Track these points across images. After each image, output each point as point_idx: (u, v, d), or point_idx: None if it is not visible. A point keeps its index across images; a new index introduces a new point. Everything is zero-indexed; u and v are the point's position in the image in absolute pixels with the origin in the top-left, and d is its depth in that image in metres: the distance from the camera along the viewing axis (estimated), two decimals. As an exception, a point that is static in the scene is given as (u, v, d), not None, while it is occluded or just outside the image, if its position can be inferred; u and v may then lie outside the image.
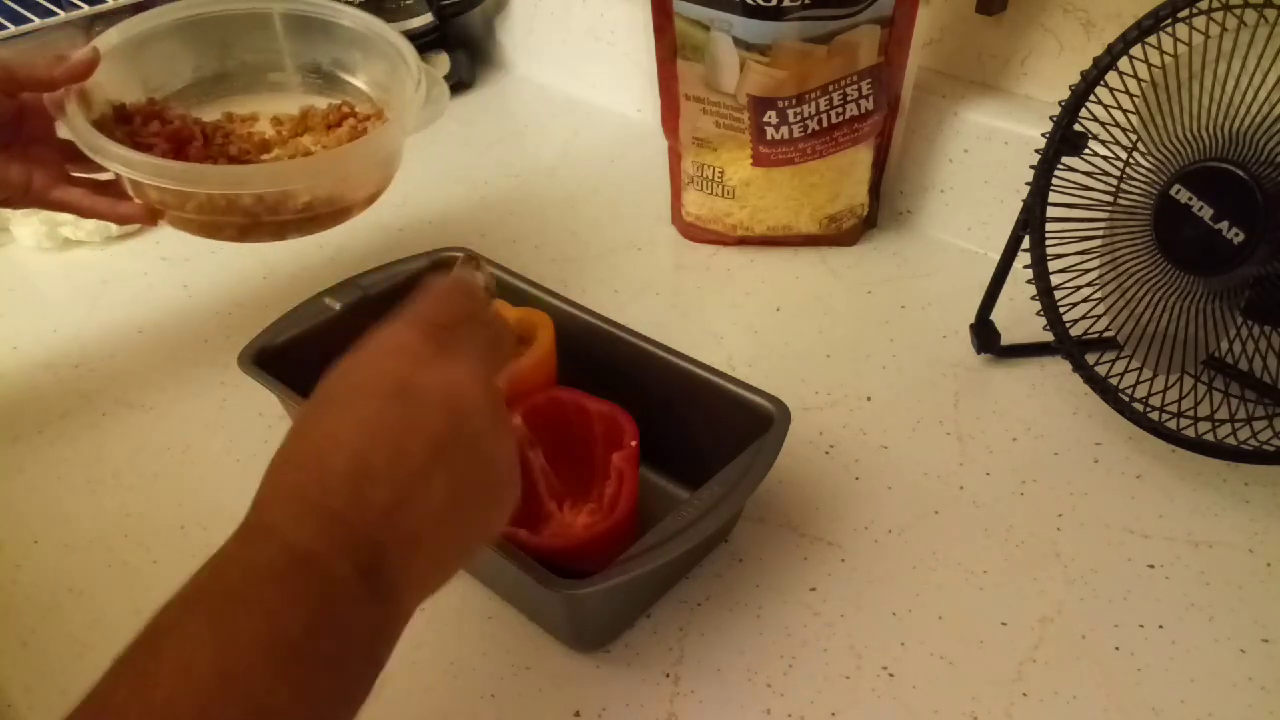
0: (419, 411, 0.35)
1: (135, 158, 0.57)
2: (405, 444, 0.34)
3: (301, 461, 0.34)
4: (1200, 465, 0.58)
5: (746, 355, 0.69)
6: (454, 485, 0.35)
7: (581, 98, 1.04)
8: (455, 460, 0.35)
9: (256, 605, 0.30)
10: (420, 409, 0.35)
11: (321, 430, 0.35)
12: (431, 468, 0.34)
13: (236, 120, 0.68)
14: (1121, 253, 0.57)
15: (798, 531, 0.55)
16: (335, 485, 0.33)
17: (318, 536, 0.32)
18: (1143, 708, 0.46)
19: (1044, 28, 0.72)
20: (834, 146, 0.74)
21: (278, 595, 0.30)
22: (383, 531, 0.33)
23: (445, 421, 0.35)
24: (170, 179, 0.58)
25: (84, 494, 0.59)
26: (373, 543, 0.33)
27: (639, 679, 0.48)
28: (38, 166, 0.59)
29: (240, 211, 0.60)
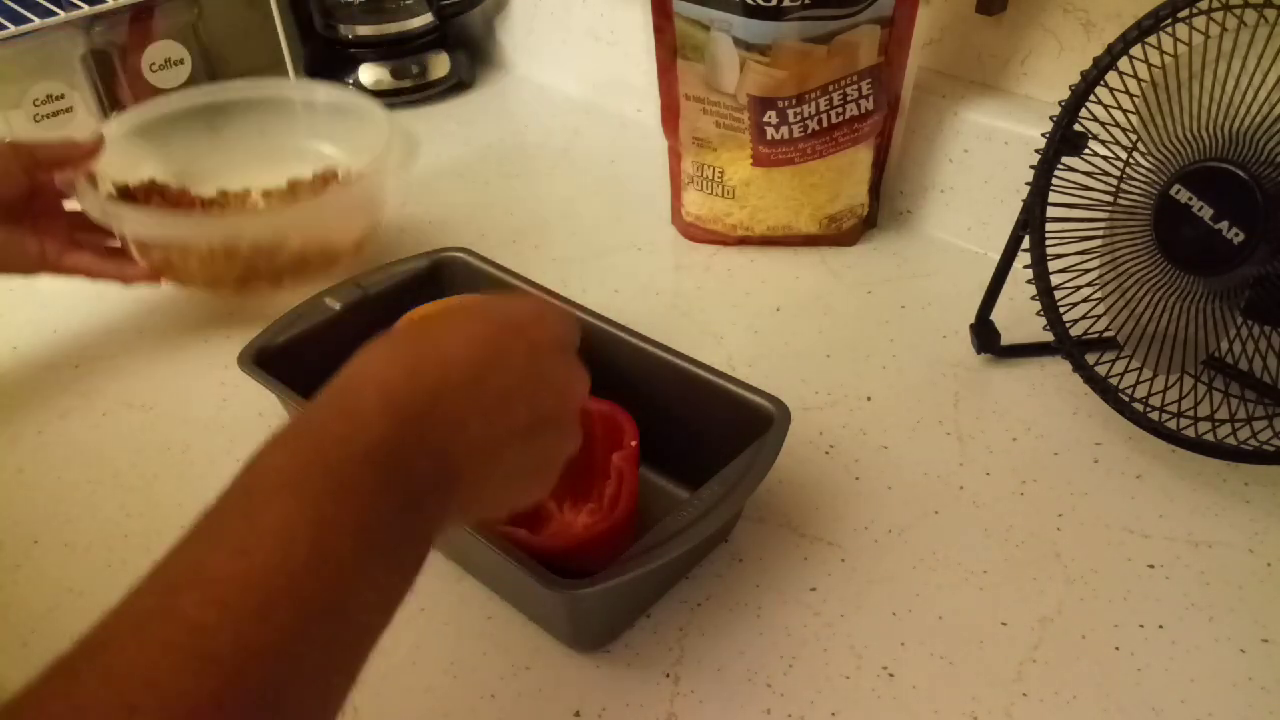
0: (520, 346, 0.38)
1: (145, 217, 0.65)
2: (499, 369, 0.36)
3: (400, 350, 0.36)
4: (1200, 465, 0.58)
5: (746, 355, 0.69)
6: (530, 425, 0.37)
7: (581, 98, 1.04)
8: (539, 402, 0.38)
9: (353, 491, 0.31)
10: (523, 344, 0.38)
11: (429, 330, 0.37)
12: (515, 401, 0.36)
13: (231, 196, 0.75)
14: (1121, 253, 0.57)
15: (798, 531, 0.55)
16: (424, 386, 0.34)
17: (404, 432, 0.33)
18: (1143, 708, 0.46)
19: (1044, 28, 0.72)
20: (834, 146, 0.74)
21: (371, 483, 0.31)
22: (459, 443, 0.35)
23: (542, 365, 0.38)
24: (176, 231, 0.65)
25: (84, 494, 0.59)
26: (448, 451, 0.34)
27: (639, 679, 0.48)
28: (49, 237, 0.66)
29: (239, 261, 0.67)
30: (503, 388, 0.36)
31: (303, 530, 0.29)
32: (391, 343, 0.36)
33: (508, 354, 0.37)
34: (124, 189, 0.72)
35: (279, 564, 0.28)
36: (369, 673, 0.48)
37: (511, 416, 0.37)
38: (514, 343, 0.38)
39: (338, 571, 0.29)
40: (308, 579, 0.29)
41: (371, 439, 0.32)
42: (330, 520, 0.30)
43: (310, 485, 0.30)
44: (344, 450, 0.32)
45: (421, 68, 1.03)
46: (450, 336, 0.37)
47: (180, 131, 0.79)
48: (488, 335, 0.37)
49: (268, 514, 0.30)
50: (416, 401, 0.34)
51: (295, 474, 0.31)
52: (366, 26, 1.01)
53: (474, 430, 0.35)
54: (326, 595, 0.29)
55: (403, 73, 1.02)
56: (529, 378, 0.37)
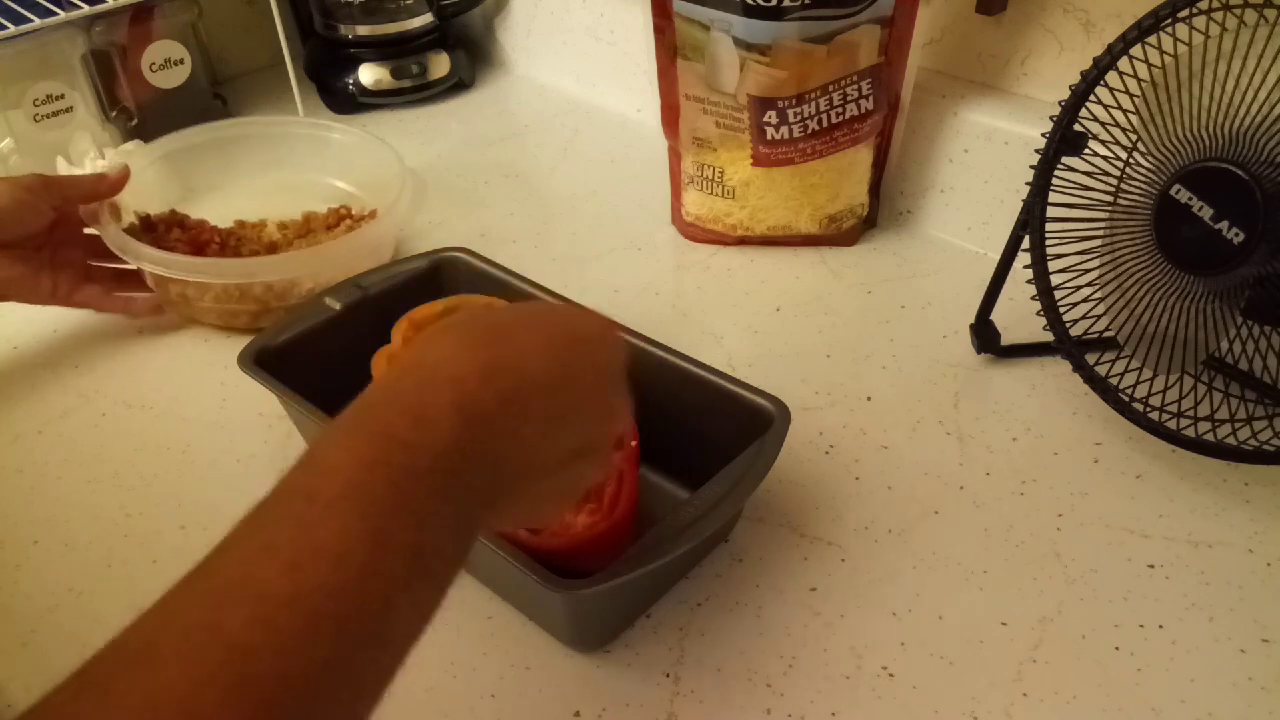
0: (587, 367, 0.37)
1: (165, 257, 0.67)
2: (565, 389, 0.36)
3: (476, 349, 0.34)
4: (1200, 465, 0.58)
5: (746, 355, 0.69)
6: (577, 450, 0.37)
7: (581, 98, 1.04)
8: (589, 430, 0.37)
9: (412, 505, 0.30)
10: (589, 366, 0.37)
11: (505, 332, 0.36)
12: (571, 424, 0.36)
13: (248, 226, 0.77)
14: (1121, 253, 0.57)
15: (798, 531, 0.55)
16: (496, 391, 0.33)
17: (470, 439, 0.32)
18: (1143, 708, 0.46)
19: (1044, 28, 0.72)
20: (834, 146, 0.74)
21: (433, 502, 0.31)
22: (514, 459, 0.34)
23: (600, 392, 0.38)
24: (194, 273, 0.68)
25: (84, 494, 0.59)
26: (503, 466, 0.33)
27: (639, 679, 0.48)
28: (63, 271, 0.69)
29: (252, 300, 0.69)
30: (564, 407, 0.36)
31: (358, 549, 0.28)
32: (468, 336, 0.35)
33: (578, 372, 0.36)
34: (145, 219, 0.75)
35: (331, 586, 0.27)
36: (369, 673, 0.49)
37: (564, 440, 0.36)
38: (585, 360, 0.37)
39: (386, 596, 0.29)
40: (356, 604, 0.28)
41: (440, 445, 0.31)
42: (386, 542, 0.29)
43: (371, 498, 0.29)
44: (410, 459, 0.31)
45: (421, 68, 1.03)
46: (528, 341, 0.36)
47: (199, 163, 0.83)
48: (562, 348, 0.36)
49: (324, 527, 0.29)
50: (487, 407, 0.33)
51: (357, 482, 0.30)
52: (366, 26, 1.01)
53: (529, 449, 0.34)
54: (371, 622, 0.28)
55: (403, 73, 1.02)
56: (590, 400, 0.37)
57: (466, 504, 0.32)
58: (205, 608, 0.27)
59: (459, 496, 0.31)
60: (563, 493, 0.39)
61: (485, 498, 0.33)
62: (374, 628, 0.28)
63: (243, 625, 0.26)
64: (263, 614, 0.26)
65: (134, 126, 0.95)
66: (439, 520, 0.31)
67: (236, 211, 0.78)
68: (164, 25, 0.94)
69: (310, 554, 0.28)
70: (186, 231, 0.74)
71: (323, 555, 0.28)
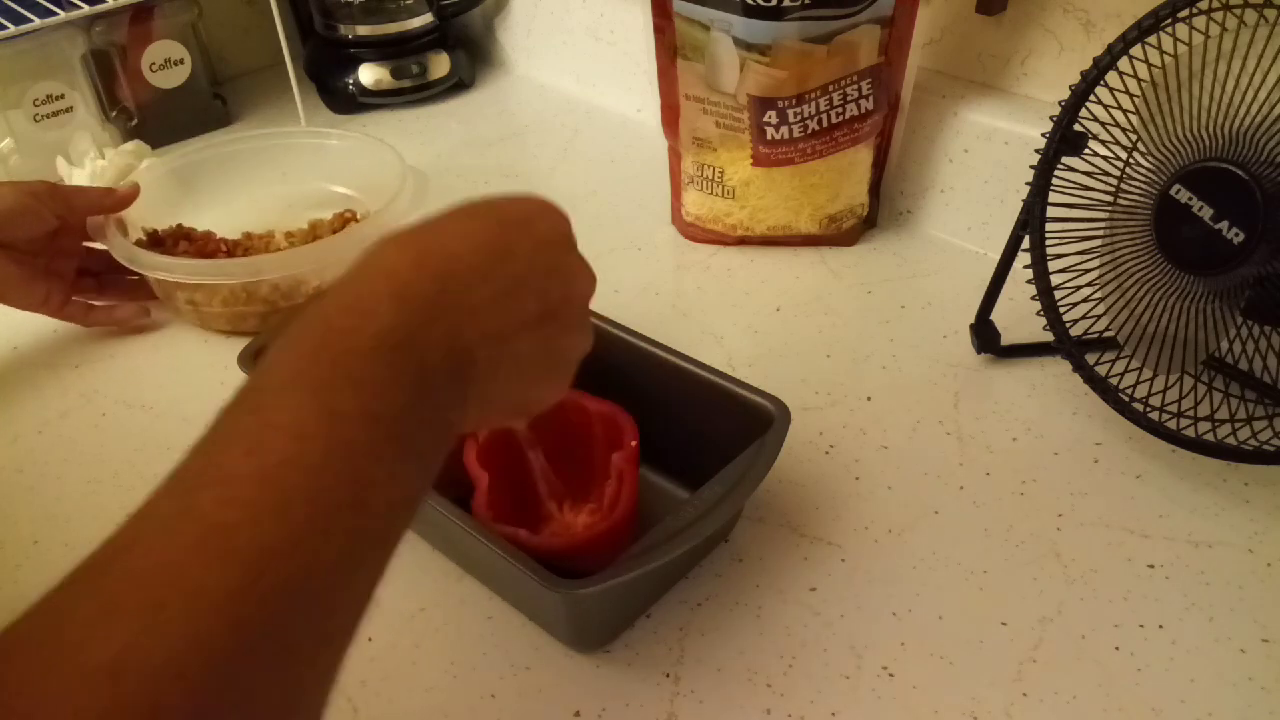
0: (525, 240, 0.38)
1: (173, 262, 0.69)
2: (506, 260, 0.36)
3: (405, 244, 0.35)
4: (1200, 465, 0.58)
5: (746, 355, 0.69)
6: (540, 315, 0.37)
7: (581, 98, 1.04)
8: (547, 293, 0.38)
9: (362, 381, 0.31)
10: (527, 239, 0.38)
11: (431, 227, 0.37)
12: (524, 291, 0.37)
13: (255, 237, 0.77)
14: (1121, 253, 0.57)
15: (798, 531, 0.55)
16: (430, 274, 0.34)
17: (414, 319, 0.33)
18: (1143, 708, 0.46)
19: (1044, 28, 0.72)
20: (834, 146, 0.74)
21: (382, 373, 0.31)
22: (469, 330, 0.34)
23: (548, 257, 0.38)
24: (200, 275, 0.69)
25: (84, 494, 0.59)
26: (459, 338, 0.34)
27: (639, 679, 0.48)
28: (56, 280, 0.69)
29: (260, 301, 0.70)
30: (510, 277, 0.36)
31: (315, 425, 0.29)
32: (395, 238, 0.36)
33: (513, 246, 0.37)
34: (153, 234, 0.76)
35: (294, 459, 0.28)
36: (370, 673, 0.49)
37: (520, 306, 0.37)
38: (519, 236, 0.38)
39: (353, 463, 0.29)
40: (323, 473, 0.29)
41: (380, 327, 0.32)
42: (342, 412, 0.30)
43: (319, 378, 0.30)
44: (351, 341, 0.31)
45: (421, 68, 1.03)
46: (455, 229, 0.37)
47: (199, 178, 0.83)
48: (492, 229, 0.37)
49: (278, 411, 0.30)
50: (424, 289, 0.34)
51: (304, 369, 0.31)
52: (366, 26, 1.01)
53: (483, 318, 0.35)
54: (343, 488, 0.29)
55: (403, 73, 1.02)
56: (535, 269, 0.37)
57: (426, 379, 0.33)
58: (177, 497, 0.28)
59: (413, 371, 0.32)
60: (547, 364, 0.39)
61: (447, 369, 0.33)
62: (348, 493, 0.29)
63: (215, 505, 0.27)
64: (232, 494, 0.27)
65: (134, 126, 0.95)
66: (395, 392, 0.31)
67: (242, 225, 0.78)
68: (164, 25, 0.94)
69: (268, 435, 0.29)
70: (194, 244, 0.75)
71: (280, 433, 0.29)
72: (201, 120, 0.99)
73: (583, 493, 0.55)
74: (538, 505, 0.54)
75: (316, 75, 1.05)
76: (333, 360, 0.31)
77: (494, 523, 0.49)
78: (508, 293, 0.36)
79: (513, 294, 0.36)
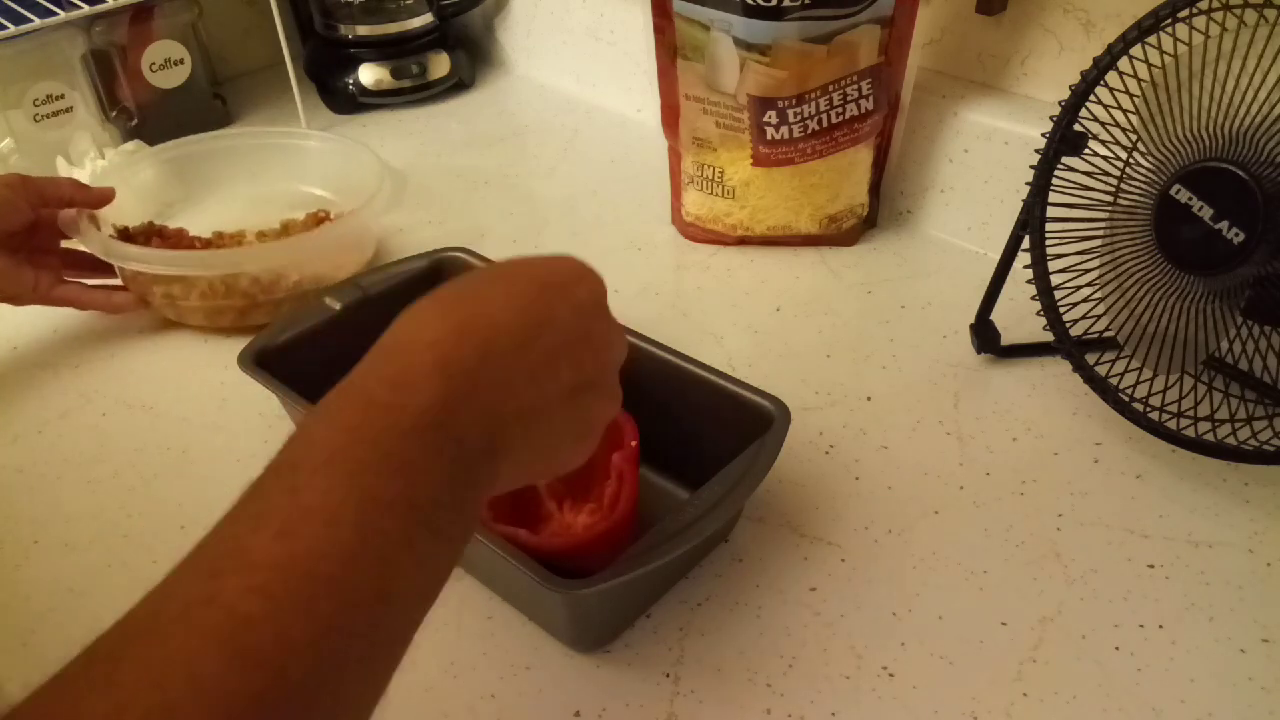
0: (563, 306, 0.37)
1: (150, 253, 0.69)
2: (545, 330, 0.36)
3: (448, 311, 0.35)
4: (1200, 465, 0.58)
5: (746, 355, 0.68)
6: (574, 386, 0.37)
7: (581, 98, 1.04)
8: (582, 363, 0.37)
9: (401, 465, 0.30)
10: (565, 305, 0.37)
11: (473, 292, 0.36)
12: (560, 361, 0.36)
13: (226, 236, 0.77)
14: (1121, 253, 0.57)
15: (798, 531, 0.55)
16: (473, 346, 0.34)
17: (455, 395, 0.32)
18: (1143, 708, 0.46)
19: (1044, 28, 0.72)
20: (834, 146, 0.74)
21: (420, 456, 0.31)
22: (507, 406, 0.34)
23: (584, 324, 0.38)
24: (179, 267, 0.68)
25: (84, 494, 0.59)
26: (497, 415, 0.34)
27: (639, 679, 0.48)
28: (43, 270, 0.69)
29: (239, 295, 0.70)
30: (548, 349, 0.36)
31: (349, 510, 0.28)
32: (437, 303, 0.35)
33: (553, 314, 0.37)
34: (124, 231, 0.75)
35: (324, 549, 0.27)
36: (369, 673, 0.49)
37: (556, 378, 0.36)
38: (558, 302, 0.37)
39: (384, 553, 0.29)
40: (354, 564, 0.28)
41: (422, 403, 0.31)
42: (376, 497, 0.29)
43: (357, 459, 0.30)
44: (392, 418, 0.31)
45: (421, 68, 1.03)
46: (496, 296, 0.36)
47: (173, 178, 0.84)
48: (532, 295, 0.37)
49: (312, 492, 0.29)
50: (466, 362, 0.33)
51: (341, 447, 0.30)
52: (366, 26, 1.01)
53: (520, 392, 0.35)
54: (372, 581, 0.28)
55: (403, 73, 1.02)
56: (572, 337, 0.37)
57: (462, 457, 0.32)
58: (203, 580, 0.27)
59: (451, 450, 0.32)
60: (577, 432, 0.39)
61: (483, 448, 0.33)
62: (376, 586, 0.28)
63: (239, 594, 0.26)
64: (258, 582, 0.27)
65: (134, 126, 0.95)
66: (433, 475, 0.31)
67: (214, 225, 0.78)
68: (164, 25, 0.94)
69: (300, 518, 0.28)
70: (166, 241, 0.74)
71: (312, 518, 0.28)
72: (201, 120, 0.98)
73: (583, 493, 0.55)
74: (538, 505, 0.54)
75: (316, 75, 1.05)
76: (373, 439, 0.30)
77: (494, 523, 0.49)
78: (545, 364, 0.36)
79: (549, 365, 0.36)
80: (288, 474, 0.30)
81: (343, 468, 0.29)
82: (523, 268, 0.38)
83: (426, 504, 0.30)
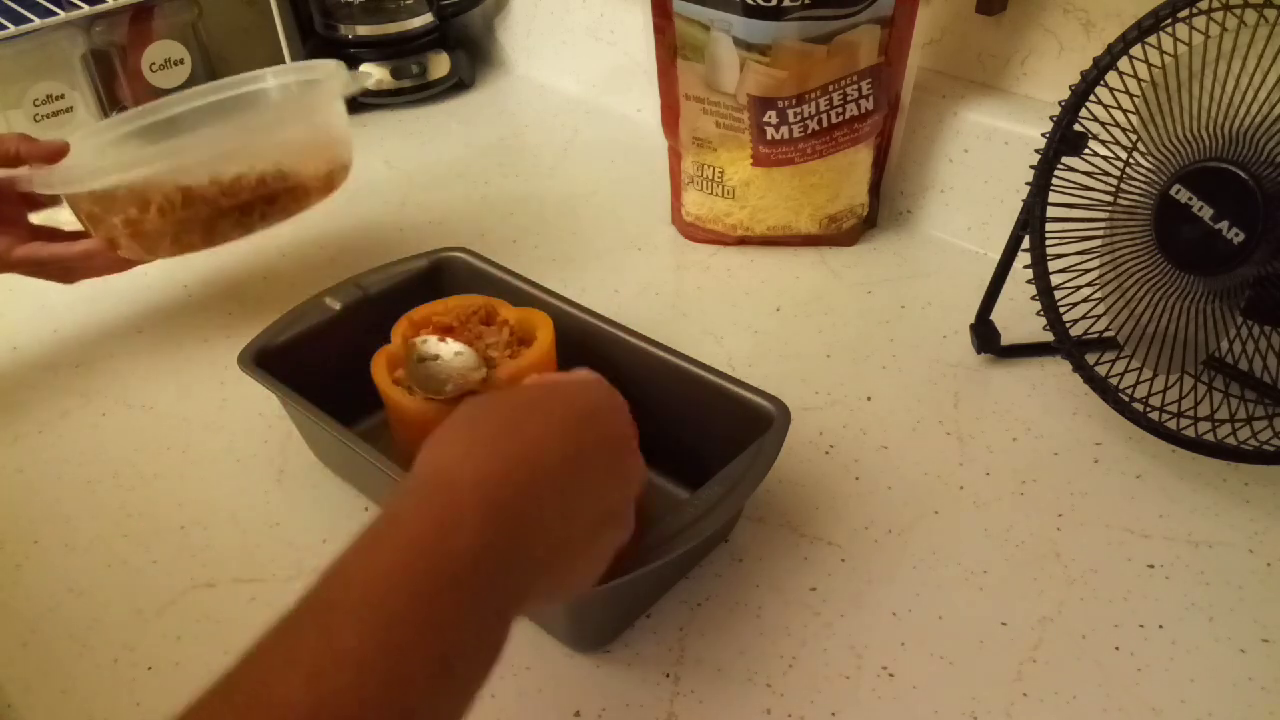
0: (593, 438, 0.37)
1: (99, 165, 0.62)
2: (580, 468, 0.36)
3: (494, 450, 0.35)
4: (1200, 465, 0.58)
5: (746, 355, 0.69)
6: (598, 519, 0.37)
7: (581, 98, 1.04)
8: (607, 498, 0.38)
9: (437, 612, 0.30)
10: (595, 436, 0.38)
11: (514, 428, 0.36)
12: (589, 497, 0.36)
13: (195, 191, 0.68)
14: (1121, 253, 0.57)
15: (798, 531, 0.55)
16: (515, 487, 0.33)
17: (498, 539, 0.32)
18: (1143, 708, 0.46)
19: (1044, 28, 0.72)
20: (834, 146, 0.74)
21: (454, 610, 0.30)
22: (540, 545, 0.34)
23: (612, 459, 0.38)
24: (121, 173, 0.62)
25: (84, 494, 0.59)
26: (531, 554, 0.33)
27: (639, 679, 0.48)
28: (9, 228, 0.64)
29: (201, 202, 0.64)
30: (580, 486, 0.36)
31: (381, 659, 0.28)
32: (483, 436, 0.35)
33: (585, 448, 0.37)
34: None
35: (352, 694, 0.27)
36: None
37: (583, 513, 0.36)
38: (589, 434, 0.37)
39: (406, 703, 0.28)
40: (375, 711, 0.28)
41: (464, 548, 0.31)
42: (409, 651, 0.29)
43: (393, 610, 0.29)
44: (434, 564, 0.31)
45: (421, 68, 1.03)
46: (535, 429, 0.36)
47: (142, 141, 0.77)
48: (571, 428, 0.37)
49: (347, 635, 0.28)
50: (511, 504, 0.33)
51: (379, 593, 0.30)
52: (366, 26, 1.01)
53: (553, 530, 0.35)
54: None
55: (403, 73, 1.03)
56: (600, 471, 0.37)
57: (495, 604, 0.32)
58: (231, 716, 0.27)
59: (486, 599, 0.31)
60: (593, 559, 0.39)
61: (516, 592, 0.33)
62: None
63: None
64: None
65: (134, 126, 0.95)
66: (466, 627, 0.31)
67: None
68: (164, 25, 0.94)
69: (332, 662, 0.28)
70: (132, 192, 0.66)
71: (345, 664, 0.28)
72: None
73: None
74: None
75: (316, 75, 1.05)
76: (413, 591, 0.30)
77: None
78: (577, 499, 0.36)
79: (580, 500, 0.36)
80: (324, 612, 0.30)
81: (381, 615, 0.29)
82: (557, 396, 0.38)
83: (456, 656, 0.30)
